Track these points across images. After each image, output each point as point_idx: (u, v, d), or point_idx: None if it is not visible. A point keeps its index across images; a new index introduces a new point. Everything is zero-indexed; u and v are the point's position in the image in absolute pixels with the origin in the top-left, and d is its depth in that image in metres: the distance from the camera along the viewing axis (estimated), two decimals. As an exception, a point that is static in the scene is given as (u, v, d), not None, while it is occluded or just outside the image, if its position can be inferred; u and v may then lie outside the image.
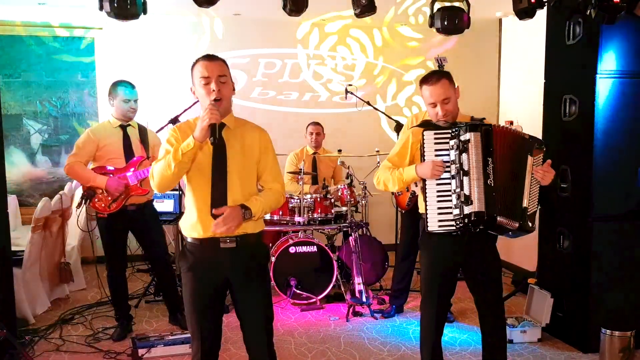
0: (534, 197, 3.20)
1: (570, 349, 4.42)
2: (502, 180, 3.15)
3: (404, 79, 7.56)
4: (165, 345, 4.28)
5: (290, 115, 7.32)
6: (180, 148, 2.73)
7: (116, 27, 6.68)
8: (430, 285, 3.40)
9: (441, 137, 3.20)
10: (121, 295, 4.78)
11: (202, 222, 2.86)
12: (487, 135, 3.14)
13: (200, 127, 2.69)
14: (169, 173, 2.75)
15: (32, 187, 6.74)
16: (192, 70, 2.86)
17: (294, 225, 5.58)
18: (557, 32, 4.50)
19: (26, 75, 6.60)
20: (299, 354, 4.37)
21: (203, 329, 2.93)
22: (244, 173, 2.92)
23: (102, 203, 4.49)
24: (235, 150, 2.90)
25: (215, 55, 2.89)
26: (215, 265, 2.89)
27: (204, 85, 2.81)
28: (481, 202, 3.08)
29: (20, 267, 4.80)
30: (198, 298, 2.91)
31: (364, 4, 3.92)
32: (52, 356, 4.31)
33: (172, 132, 2.91)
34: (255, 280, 2.97)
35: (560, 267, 4.55)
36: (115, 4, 3.58)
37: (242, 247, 2.89)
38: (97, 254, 6.75)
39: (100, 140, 4.52)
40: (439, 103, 3.23)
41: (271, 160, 3.04)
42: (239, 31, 7.10)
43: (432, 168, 3.15)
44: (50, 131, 6.78)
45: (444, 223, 3.19)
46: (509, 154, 3.19)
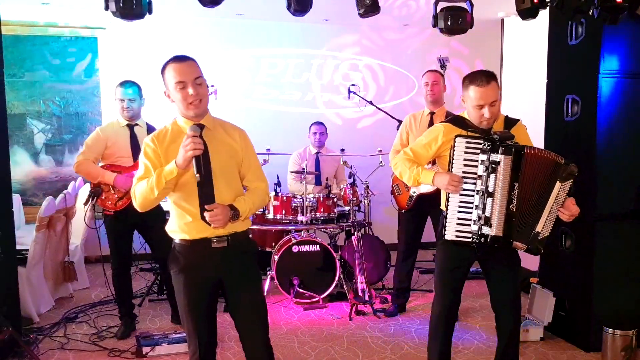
0: (549, 224, 3.17)
1: (573, 348, 4.43)
2: (525, 203, 3.13)
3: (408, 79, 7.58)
4: (169, 343, 4.32)
5: (292, 115, 7.34)
6: (163, 175, 2.70)
7: (119, 27, 6.70)
8: (444, 281, 3.42)
9: (473, 147, 3.16)
10: (125, 293, 4.81)
11: (191, 224, 2.85)
12: (518, 158, 3.09)
13: (183, 157, 2.65)
14: (152, 197, 2.74)
15: (35, 187, 6.76)
16: (164, 74, 2.81)
17: (297, 225, 5.60)
18: (559, 32, 4.52)
19: (30, 75, 6.63)
20: (303, 352, 4.39)
21: (199, 328, 2.94)
22: (229, 173, 2.91)
23: (109, 200, 4.53)
24: (216, 150, 2.85)
25: (186, 56, 2.84)
26: (207, 265, 2.89)
27: (180, 89, 2.75)
28: (500, 227, 3.11)
29: (25, 266, 4.82)
30: (192, 299, 2.91)
31: (368, 4, 3.93)
32: (57, 354, 4.34)
33: (149, 143, 2.84)
34: (248, 276, 2.99)
35: (562, 267, 4.56)
36: (120, 4, 3.60)
37: (233, 246, 2.90)
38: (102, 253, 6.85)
39: (109, 139, 4.56)
40: (487, 105, 3.16)
41: (253, 159, 3.03)
42: (242, 31, 7.12)
43: (448, 182, 3.15)
44: (54, 131, 6.81)
45: (461, 234, 3.21)
46: (538, 177, 3.14)
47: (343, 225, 5.79)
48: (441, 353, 3.49)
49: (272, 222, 5.63)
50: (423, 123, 4.98)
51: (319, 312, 5.28)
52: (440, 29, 4.14)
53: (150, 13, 3.81)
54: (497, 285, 3.42)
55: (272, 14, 6.60)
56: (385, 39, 7.57)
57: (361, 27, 7.45)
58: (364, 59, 7.52)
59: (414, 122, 5.05)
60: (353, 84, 6.43)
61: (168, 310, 5.14)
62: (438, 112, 4.97)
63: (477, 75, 3.21)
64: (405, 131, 5.08)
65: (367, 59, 7.53)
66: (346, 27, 7.44)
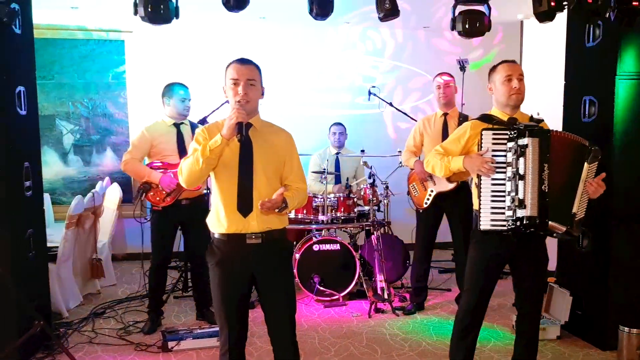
0: (583, 204, 3.27)
1: (589, 347, 4.48)
2: (556, 186, 3.21)
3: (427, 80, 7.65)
4: (194, 338, 4.43)
5: (312, 116, 7.45)
6: (208, 145, 2.88)
7: (146, 30, 6.84)
8: (474, 279, 3.48)
9: (499, 137, 3.27)
10: (160, 288, 4.96)
11: (228, 218, 2.99)
12: (545, 141, 3.19)
13: (228, 125, 2.86)
14: (196, 168, 2.90)
15: (64, 186, 6.95)
16: (226, 71, 3.01)
17: (318, 224, 5.71)
18: (576, 34, 4.58)
19: (59, 77, 6.82)
20: (323, 348, 4.50)
21: (230, 321, 3.06)
22: (270, 171, 3.05)
23: (157, 196, 4.68)
24: (262, 149, 3.03)
25: (248, 59, 3.03)
26: (242, 260, 3.02)
27: (232, 86, 2.95)
28: (534, 207, 3.17)
29: (55, 262, 4.98)
30: (225, 292, 3.04)
31: (388, 8, 4.02)
32: (86, 348, 4.49)
33: (200, 132, 3.05)
34: (279, 274, 3.10)
35: (579, 266, 4.61)
36: (149, 9, 3.73)
37: (267, 242, 3.02)
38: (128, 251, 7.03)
39: (154, 138, 4.71)
40: (515, 77, 3.34)
41: (296, 161, 3.18)
42: (264, 34, 7.25)
43: (480, 163, 3.24)
44: (82, 131, 6.99)
45: (496, 222, 3.28)
46: (566, 159, 3.24)
47: (363, 225, 5.88)
48: (465, 351, 3.55)
49: (293, 221, 5.74)
50: (437, 125, 5.09)
51: (339, 310, 5.38)
52: (459, 32, 4.21)
53: (177, 17, 3.94)
54: (524, 285, 3.49)
55: (294, 17, 6.71)
56: (405, 40, 7.65)
57: (381, 29, 7.54)
58: (384, 61, 7.61)
59: (427, 125, 5.15)
60: (373, 85, 6.52)
61: (192, 307, 5.27)
62: (451, 114, 5.08)
63: (503, 60, 3.46)
64: (419, 133, 5.19)
65: (387, 60, 7.61)
66: (366, 29, 7.54)
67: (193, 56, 7.06)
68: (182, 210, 4.75)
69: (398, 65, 7.64)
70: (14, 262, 3.98)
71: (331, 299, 5.51)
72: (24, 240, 4.15)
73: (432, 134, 5.10)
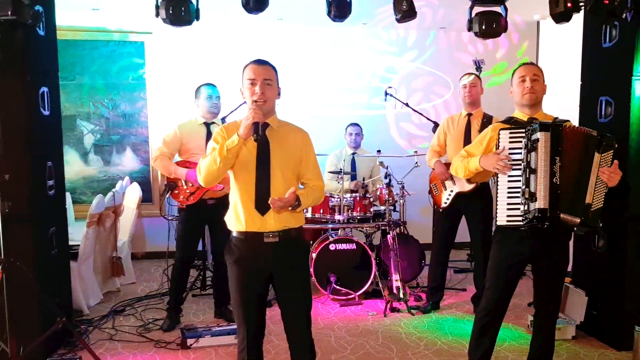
0: (599, 194, 3.28)
1: (604, 347, 4.49)
2: (569, 179, 3.25)
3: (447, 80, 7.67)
4: (212, 335, 4.50)
5: (329, 116, 7.51)
6: (225, 144, 2.94)
7: (165, 31, 6.93)
8: (495, 277, 3.52)
9: (516, 136, 3.33)
10: (182, 285, 5.04)
11: (246, 216, 3.05)
12: (557, 134, 3.24)
13: (245, 125, 2.91)
14: (214, 168, 2.96)
15: (84, 185, 7.06)
16: (243, 72, 3.06)
17: (334, 223, 5.76)
18: (593, 35, 4.59)
19: (80, 78, 6.93)
20: (339, 346, 4.54)
21: (249, 318, 3.12)
22: (287, 170, 3.10)
23: (181, 195, 4.79)
24: (278, 148, 3.07)
25: (265, 60, 3.08)
26: (259, 258, 3.07)
27: (249, 86, 2.99)
28: (545, 199, 3.20)
29: (76, 260, 5.07)
30: (244, 289, 3.09)
31: (405, 9, 4.05)
32: (106, 345, 4.57)
33: (219, 131, 3.11)
34: (296, 273, 3.15)
35: (595, 266, 4.61)
36: (170, 11, 3.80)
37: (284, 241, 3.07)
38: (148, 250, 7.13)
39: (185, 137, 4.82)
40: (529, 77, 3.42)
41: (312, 159, 3.22)
42: (282, 35, 7.32)
43: (495, 160, 3.32)
44: (102, 132, 7.10)
45: (512, 218, 3.34)
46: (577, 151, 3.28)
47: (379, 224, 5.92)
48: (483, 349, 3.58)
49: (310, 220, 5.78)
50: (460, 124, 5.11)
51: (354, 309, 5.42)
52: (475, 33, 4.24)
53: (198, 19, 4.01)
54: (544, 286, 3.52)
55: (311, 18, 6.78)
56: (420, 41, 7.68)
57: (397, 30, 7.58)
58: (400, 61, 7.64)
59: (451, 124, 5.18)
60: (389, 86, 6.56)
61: (211, 305, 5.35)
62: (475, 114, 5.10)
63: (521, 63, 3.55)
64: (443, 132, 5.22)
65: (403, 61, 7.64)
66: (383, 29, 7.57)
67: (212, 57, 7.14)
68: (208, 210, 4.84)
69: (414, 66, 7.67)
70: (38, 260, 4.06)
71: (347, 298, 5.56)
72: (47, 238, 4.25)
73: (454, 133, 5.14)
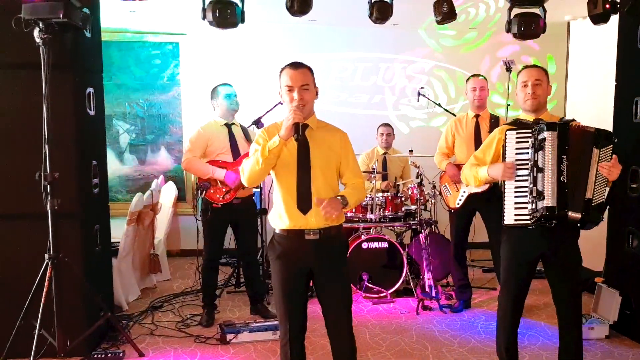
0: (599, 189, 3.34)
1: (638, 346, 4.52)
2: (573, 176, 3.31)
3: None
4: (251, 331, 4.60)
5: (361, 116, 7.58)
6: (267, 145, 3.04)
7: (199, 33, 7.09)
8: (509, 276, 3.59)
9: (522, 136, 3.40)
10: (212, 283, 5.14)
11: (289, 214, 3.15)
12: (564, 133, 3.31)
13: (285, 126, 3.00)
14: (257, 168, 3.07)
15: (120, 184, 7.20)
16: (280, 76, 3.15)
17: (366, 222, 5.83)
18: (629, 36, 4.61)
19: (116, 78, 7.08)
20: (374, 343, 4.63)
21: (291, 313, 3.20)
22: (327, 169, 3.19)
23: (217, 194, 4.84)
24: (318, 148, 3.17)
25: (301, 63, 3.15)
26: (300, 254, 3.16)
27: (287, 92, 3.09)
28: (553, 198, 3.26)
29: (116, 257, 5.20)
30: (286, 284, 3.19)
31: (446, 12, 4.11)
32: (147, 339, 4.68)
33: (260, 133, 3.22)
34: (336, 269, 3.23)
35: (629, 266, 4.64)
36: (217, 14, 3.89)
37: (324, 238, 3.16)
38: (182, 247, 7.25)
39: (209, 137, 4.88)
40: (531, 82, 3.47)
41: (352, 158, 3.31)
42: (314, 36, 7.42)
43: (503, 170, 3.38)
44: (138, 131, 7.25)
45: (519, 217, 3.40)
46: (580, 149, 3.34)
47: (410, 224, 5.98)
48: (508, 344, 3.65)
49: (342, 219, 5.84)
50: (469, 126, 5.21)
51: (386, 307, 5.50)
52: (514, 34, 4.28)
53: (243, 22, 4.08)
54: (557, 283, 3.58)
55: (343, 20, 6.86)
56: (450, 42, 7.73)
57: (428, 31, 7.63)
58: (430, 62, 7.68)
59: (459, 125, 5.27)
60: (422, 86, 6.62)
61: (246, 302, 5.44)
62: (483, 115, 5.20)
63: (526, 65, 3.62)
64: (451, 134, 5.31)
65: (433, 62, 7.69)
66: (413, 31, 7.63)
67: (244, 58, 7.25)
68: (233, 209, 4.92)
69: (444, 66, 7.72)
70: (84, 257, 4.20)
71: (379, 296, 5.64)
72: (92, 235, 4.38)
73: (464, 135, 5.23)
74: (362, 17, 6.26)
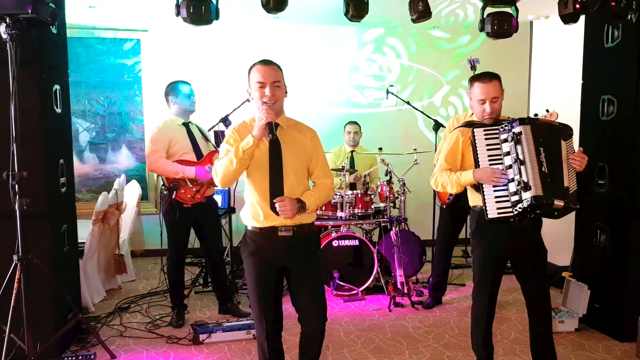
0: (572, 178, 3.45)
1: (607, 339, 4.61)
2: (552, 166, 3.39)
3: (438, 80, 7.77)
4: (224, 331, 4.53)
5: (327, 114, 7.56)
6: (240, 146, 3.01)
7: (161, 29, 6.97)
8: (484, 273, 3.63)
9: (490, 133, 3.46)
10: (181, 283, 5.05)
11: (262, 213, 3.13)
12: (536, 127, 3.40)
13: (258, 126, 2.99)
14: (230, 169, 3.02)
15: (80, 183, 6.96)
16: (249, 73, 3.13)
17: (336, 220, 5.81)
18: (595, 35, 4.70)
19: (75, 75, 6.83)
20: (349, 340, 4.60)
21: (266, 310, 3.19)
22: (298, 168, 3.19)
23: (188, 194, 4.73)
24: (289, 147, 3.15)
25: (271, 61, 3.16)
26: (274, 251, 3.15)
27: (259, 88, 3.07)
28: (538, 187, 3.32)
29: (82, 258, 5.05)
30: (260, 281, 3.17)
31: (421, 10, 4.13)
32: (117, 341, 4.55)
33: (230, 133, 3.18)
34: (308, 265, 3.24)
35: (596, 261, 4.73)
36: (191, 10, 3.82)
37: (297, 235, 3.16)
38: (146, 247, 7.10)
39: (171, 136, 4.75)
40: (489, 100, 3.49)
41: (322, 157, 3.31)
42: (279, 34, 7.35)
43: (490, 175, 3.40)
44: (98, 129, 7.06)
45: (502, 210, 3.42)
46: (550, 142, 3.43)
47: (380, 221, 5.99)
48: (485, 338, 3.71)
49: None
50: None
51: (358, 304, 5.49)
52: (487, 33, 4.33)
53: (218, 19, 4.02)
54: (527, 277, 3.64)
55: (308, 17, 6.82)
56: (416, 40, 7.78)
57: (393, 29, 7.67)
58: (395, 60, 7.72)
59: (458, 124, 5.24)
60: (391, 84, 6.64)
61: (215, 301, 5.34)
62: None
63: (481, 74, 3.59)
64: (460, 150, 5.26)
65: (398, 59, 7.72)
66: (378, 29, 7.66)
67: (208, 55, 7.15)
68: (200, 208, 4.84)
69: (409, 64, 7.76)
70: (52, 257, 4.05)
71: (350, 294, 5.62)
72: (60, 235, 4.23)
73: None
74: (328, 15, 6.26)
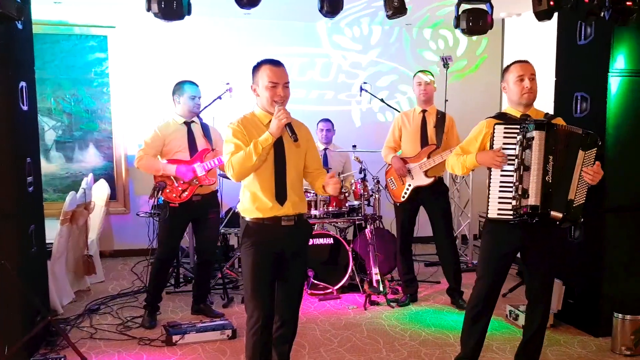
0: (581, 191, 3.41)
1: (582, 334, 4.64)
2: (558, 176, 3.37)
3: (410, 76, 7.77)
4: (198, 331, 4.45)
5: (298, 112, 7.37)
6: (259, 142, 3.13)
7: (129, 25, 6.83)
8: (487, 267, 3.63)
9: (510, 131, 3.44)
10: (162, 284, 4.98)
11: (265, 205, 3.25)
12: (552, 134, 3.36)
13: (277, 125, 3.14)
14: (249, 164, 3.13)
15: (46, 183, 6.74)
16: (257, 71, 3.23)
17: (310, 218, 5.74)
18: (568, 32, 4.73)
19: (40, 72, 6.58)
20: (326, 339, 4.56)
21: (263, 299, 3.25)
22: (298, 163, 3.38)
23: (174, 193, 4.71)
24: (290, 143, 3.29)
25: (279, 61, 3.27)
26: (276, 240, 3.28)
27: (270, 88, 3.20)
28: (537, 197, 3.32)
29: (49, 259, 4.89)
30: (259, 271, 3.26)
31: (396, 6, 4.10)
32: (88, 343, 4.44)
33: (236, 128, 3.24)
34: (301, 252, 3.42)
35: (571, 256, 4.74)
36: (162, 5, 3.73)
37: (297, 224, 3.34)
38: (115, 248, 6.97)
39: (166, 137, 4.75)
40: (527, 77, 3.50)
41: (315, 150, 3.53)
42: (250, 31, 7.27)
43: (492, 157, 3.42)
44: (64, 128, 6.88)
45: (502, 211, 3.44)
46: (565, 150, 3.40)
47: (355, 219, 5.95)
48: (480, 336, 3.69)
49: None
50: (416, 120, 5.26)
51: (334, 303, 5.44)
52: (462, 30, 4.32)
53: (189, 14, 3.94)
54: (535, 277, 3.64)
55: (278, 13, 6.76)
56: (386, 37, 7.76)
57: (362, 26, 7.64)
58: (366, 57, 7.69)
59: (406, 120, 5.32)
60: (364, 82, 6.62)
61: (187, 302, 5.27)
62: (430, 110, 5.27)
63: (516, 60, 3.61)
64: (398, 128, 5.34)
65: (369, 57, 7.70)
66: (348, 25, 7.62)
67: (177, 51, 7.03)
68: (193, 207, 4.79)
69: (380, 62, 7.74)
70: (20, 258, 3.92)
71: (325, 293, 5.57)
72: (27, 236, 4.10)
73: (410, 130, 5.27)
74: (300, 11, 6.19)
